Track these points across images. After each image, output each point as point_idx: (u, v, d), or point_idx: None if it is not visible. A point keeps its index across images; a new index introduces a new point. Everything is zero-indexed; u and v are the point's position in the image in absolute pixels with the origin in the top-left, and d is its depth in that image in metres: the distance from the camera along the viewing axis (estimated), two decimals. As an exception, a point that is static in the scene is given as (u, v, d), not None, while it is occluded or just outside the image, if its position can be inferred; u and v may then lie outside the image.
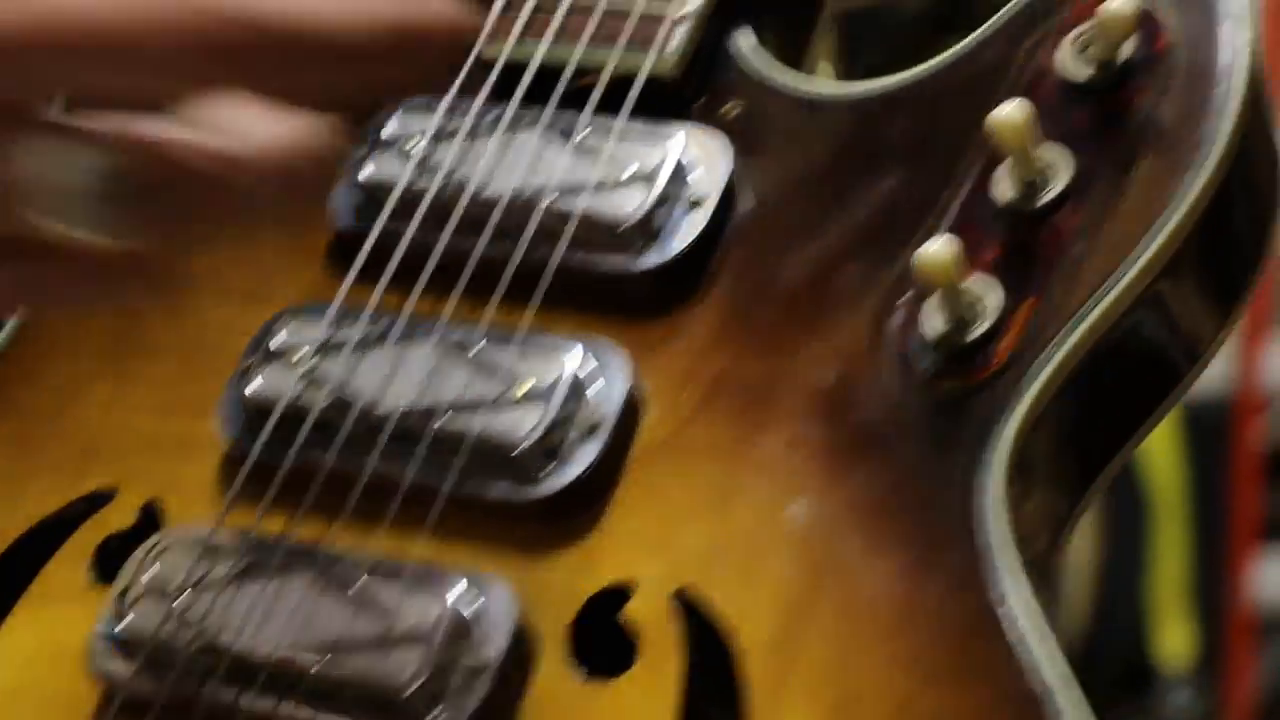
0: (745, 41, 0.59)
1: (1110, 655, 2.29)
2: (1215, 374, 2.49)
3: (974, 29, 0.65)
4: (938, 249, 0.49)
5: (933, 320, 0.50)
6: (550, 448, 0.51)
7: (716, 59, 0.58)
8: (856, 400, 0.52)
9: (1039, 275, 0.51)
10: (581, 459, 0.51)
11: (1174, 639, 2.42)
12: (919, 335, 0.51)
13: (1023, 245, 0.52)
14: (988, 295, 0.50)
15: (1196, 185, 0.50)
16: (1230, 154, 0.51)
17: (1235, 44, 0.52)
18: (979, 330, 0.50)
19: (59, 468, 0.58)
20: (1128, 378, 0.54)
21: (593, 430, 0.51)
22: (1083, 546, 2.23)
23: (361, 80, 0.45)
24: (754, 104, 0.58)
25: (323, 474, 0.52)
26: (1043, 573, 0.51)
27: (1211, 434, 2.24)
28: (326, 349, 0.54)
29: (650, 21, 0.57)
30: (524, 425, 0.51)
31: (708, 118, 0.57)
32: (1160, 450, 2.16)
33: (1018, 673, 0.47)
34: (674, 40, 0.57)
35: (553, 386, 0.51)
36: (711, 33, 0.58)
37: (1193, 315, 0.55)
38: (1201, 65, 0.52)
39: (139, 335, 0.59)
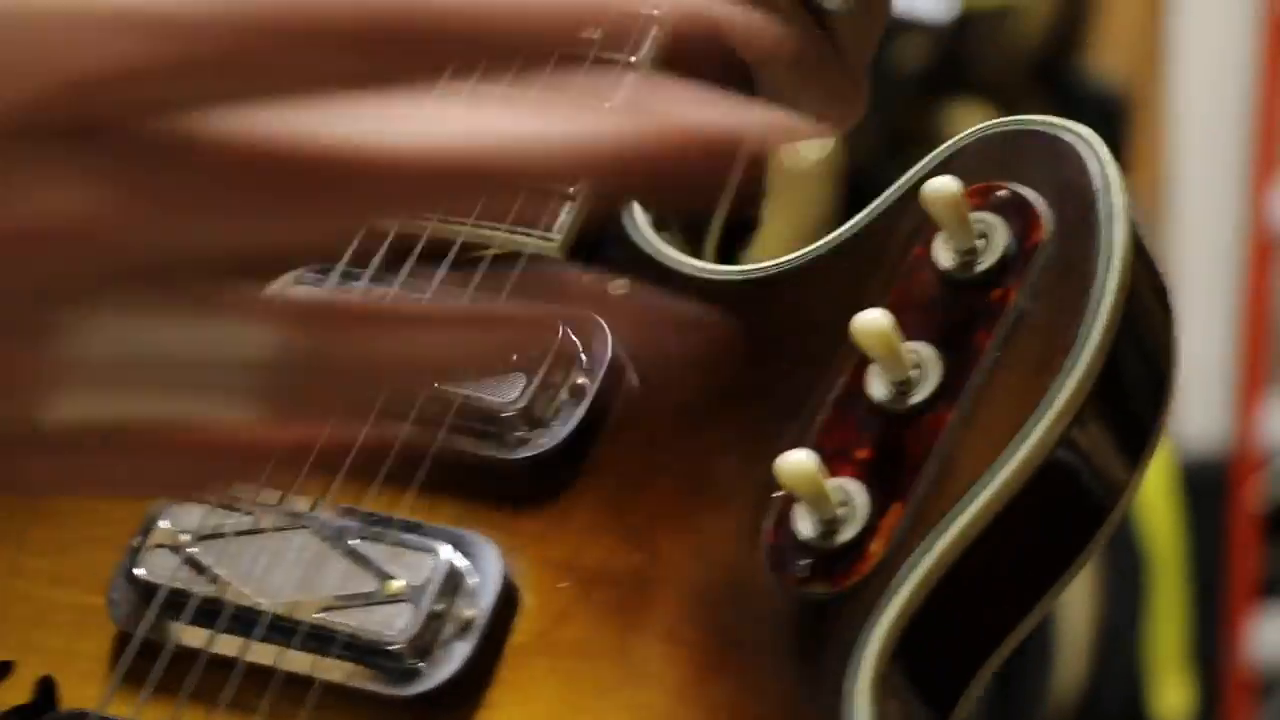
0: (636, 217, 0.58)
1: (1108, 713, 2.29)
2: (1212, 433, 2.49)
3: (967, 89, 0.64)
4: (797, 460, 0.48)
5: (803, 522, 0.49)
6: (423, 646, 0.50)
7: (606, 235, 0.58)
8: (730, 600, 0.51)
9: (906, 479, 0.50)
10: (454, 658, 0.50)
11: (1172, 697, 2.42)
12: (791, 535, 0.50)
13: (892, 446, 0.51)
14: (858, 498, 0.50)
15: (1068, 388, 0.50)
16: (1105, 353, 0.50)
17: (1114, 240, 0.51)
18: (847, 535, 0.49)
19: None
20: (1009, 573, 0.53)
21: (464, 626, 0.50)
22: (1081, 604, 2.22)
23: None
24: (641, 282, 0.55)
25: (202, 660, 0.52)
26: None
27: (1209, 492, 2.26)
28: (205, 536, 0.54)
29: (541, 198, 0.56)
30: (398, 624, 0.50)
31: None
32: (1158, 508, 2.16)
33: None
34: (561, 217, 0.56)
35: (426, 580, 0.51)
36: (601, 210, 0.57)
37: (1092, 485, 0.54)
38: (1077, 262, 0.51)
39: (38, 503, 0.58)
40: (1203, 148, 2.85)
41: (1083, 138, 0.52)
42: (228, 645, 0.52)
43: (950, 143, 0.54)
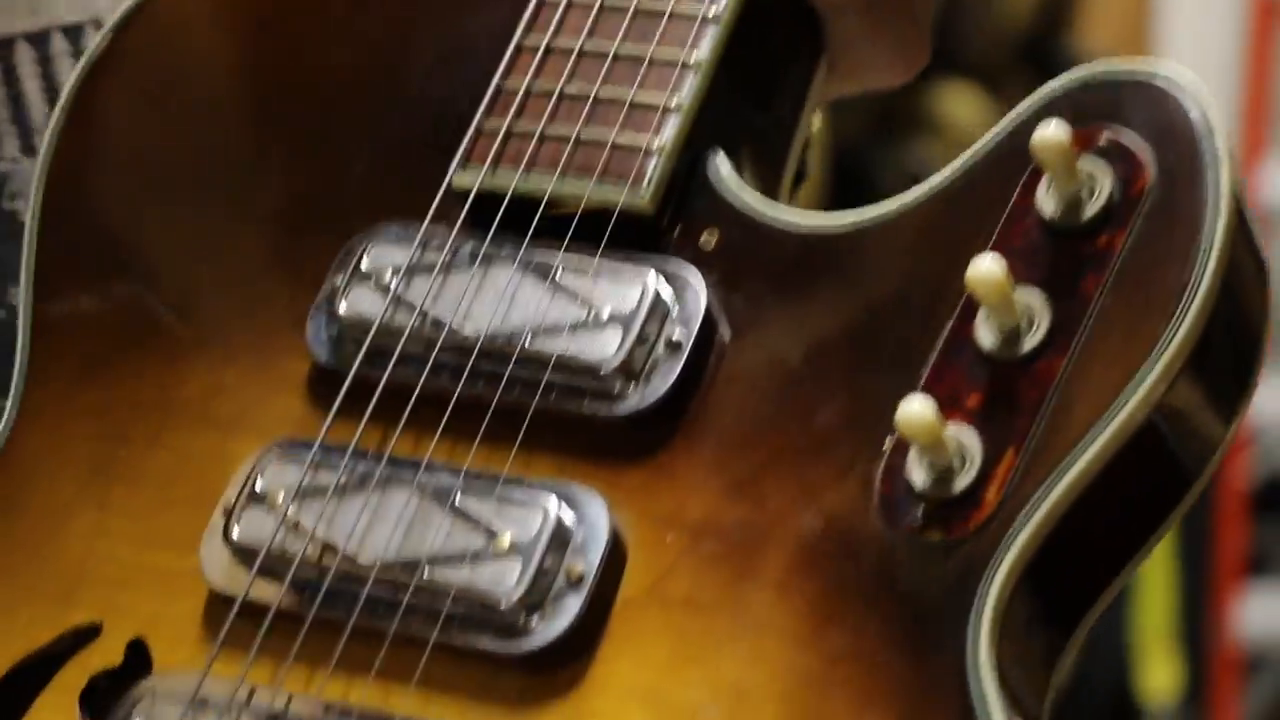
0: (721, 167, 0.58)
1: (1096, 692, 2.32)
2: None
3: (955, 69, 0.65)
4: (919, 407, 0.49)
5: (917, 471, 0.50)
6: (534, 602, 0.50)
7: (692, 187, 0.58)
8: (842, 550, 0.52)
9: (1019, 425, 0.50)
10: (566, 613, 0.50)
11: (1160, 675, 2.48)
12: (904, 484, 0.50)
13: (1004, 394, 0.51)
14: (971, 445, 0.50)
15: (1183, 331, 0.50)
16: (1213, 298, 0.51)
17: (1218, 185, 0.51)
18: (963, 483, 0.50)
19: (46, 598, 0.57)
20: (1123, 517, 0.53)
21: (576, 581, 0.51)
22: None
23: None
24: (732, 233, 0.57)
25: (304, 628, 0.52)
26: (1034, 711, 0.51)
27: None
28: (304, 494, 0.54)
29: (626, 152, 0.57)
30: (507, 582, 0.50)
31: (685, 249, 0.57)
32: None
33: None
34: (649, 172, 0.57)
35: (533, 540, 0.51)
36: (686, 161, 0.58)
37: (1191, 441, 0.54)
38: (1183, 209, 0.52)
39: (119, 464, 0.59)
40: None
41: (1181, 82, 0.53)
42: (330, 611, 0.52)
43: (1045, 88, 0.54)
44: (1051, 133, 0.51)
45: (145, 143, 0.66)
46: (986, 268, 0.50)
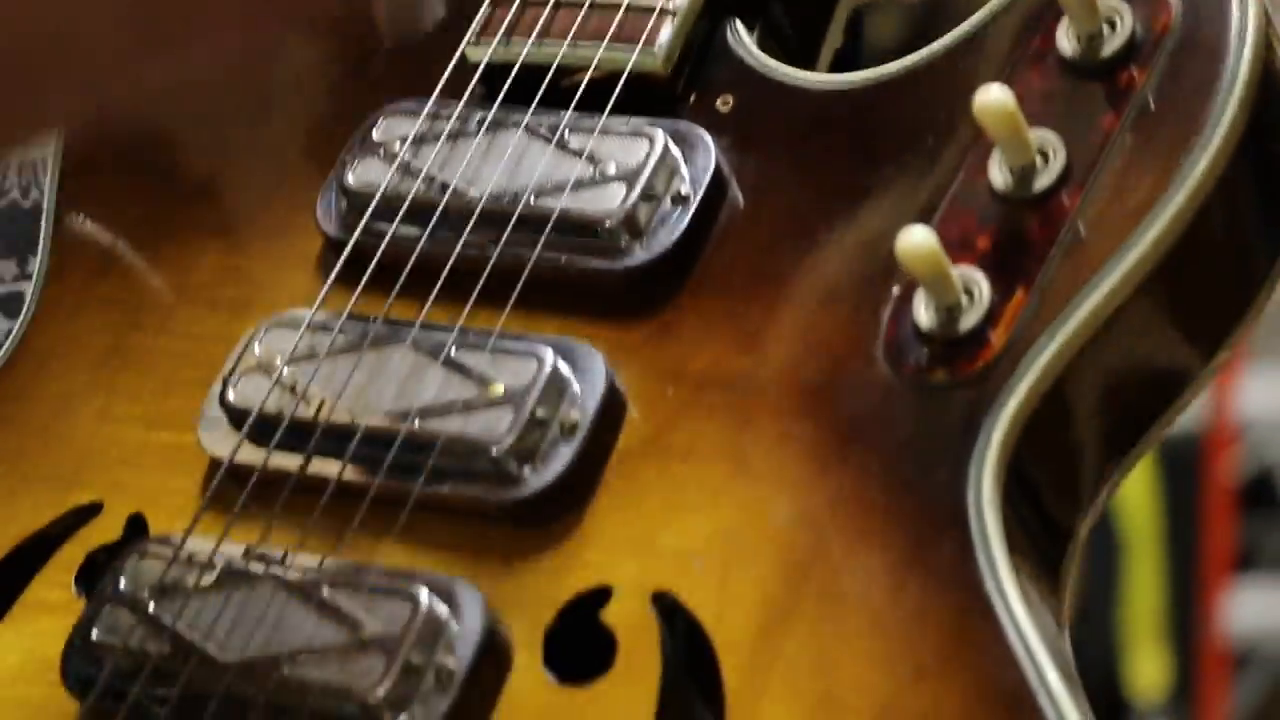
0: (742, 33, 0.58)
1: (1084, 687, 2.38)
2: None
3: None
4: (919, 236, 0.48)
5: (924, 311, 0.50)
6: (526, 450, 0.50)
7: (709, 52, 0.58)
8: (844, 394, 0.52)
9: (1030, 265, 0.50)
10: (558, 461, 0.51)
11: (1148, 671, 2.49)
12: (910, 326, 0.50)
13: (1015, 233, 0.51)
14: (980, 284, 0.50)
15: (1199, 168, 0.49)
16: (1237, 133, 0.50)
17: (1245, 20, 0.51)
18: (969, 322, 0.49)
19: (49, 481, 0.58)
20: (1134, 376, 0.53)
21: (570, 432, 0.51)
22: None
23: None
24: (748, 97, 0.57)
25: (290, 483, 0.53)
26: (1047, 576, 0.51)
27: (1184, 466, 2.36)
28: (299, 358, 0.55)
29: (639, 15, 0.58)
30: (498, 424, 0.51)
31: (700, 114, 0.57)
32: (1132, 482, 2.28)
33: (1007, 671, 0.46)
34: (663, 35, 0.57)
35: (526, 389, 0.51)
36: (704, 27, 0.58)
37: (1203, 309, 0.54)
38: (1206, 43, 0.52)
39: (129, 349, 0.60)
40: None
41: None
42: (320, 465, 0.53)
43: None
44: None
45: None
46: (994, 96, 0.49)
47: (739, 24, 0.59)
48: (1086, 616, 2.37)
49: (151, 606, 0.51)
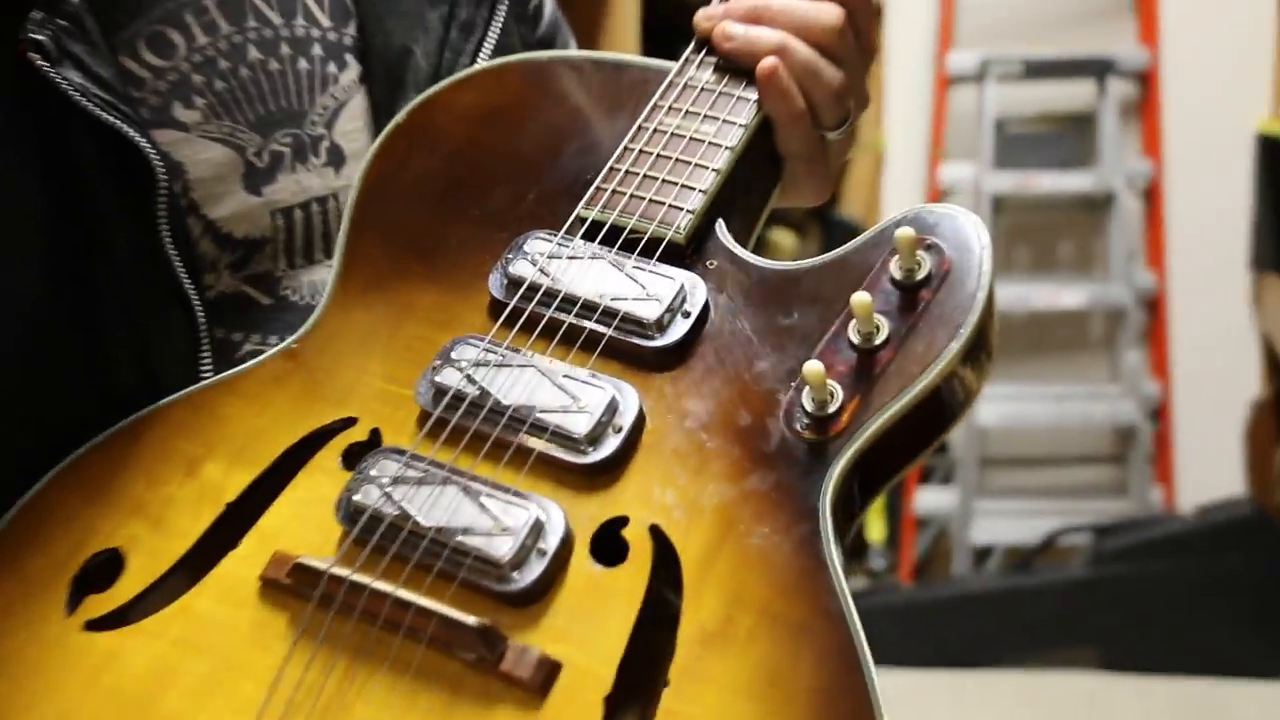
0: (722, 227, 0.71)
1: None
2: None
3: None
4: (813, 367, 0.62)
5: (808, 400, 0.63)
6: (596, 434, 0.64)
7: (707, 235, 0.71)
8: (759, 435, 0.64)
9: (865, 385, 0.63)
10: (611, 443, 0.63)
11: (876, 530, 3.33)
12: (800, 405, 0.63)
13: (859, 367, 0.64)
14: (838, 391, 0.63)
15: (959, 343, 0.63)
16: (978, 329, 0.64)
17: (983, 268, 0.65)
18: (830, 410, 0.63)
19: (327, 401, 0.68)
20: (917, 434, 0.64)
21: (618, 430, 0.64)
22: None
23: None
24: (723, 263, 0.70)
25: (469, 432, 0.64)
26: (845, 549, 0.63)
27: None
28: (475, 364, 0.66)
29: (674, 210, 0.71)
30: (583, 424, 0.64)
31: (696, 266, 0.69)
32: None
33: (830, 598, 0.58)
34: (684, 222, 0.70)
35: (598, 402, 0.64)
36: (707, 220, 0.71)
37: (957, 398, 0.65)
38: (966, 281, 0.65)
39: (381, 335, 0.71)
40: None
41: (967, 218, 0.67)
42: (484, 428, 0.65)
43: (901, 213, 0.67)
44: (906, 231, 0.65)
45: (419, 170, 0.77)
46: (860, 297, 0.63)
47: (721, 222, 0.71)
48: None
49: (388, 486, 0.61)
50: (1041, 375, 3.52)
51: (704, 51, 0.74)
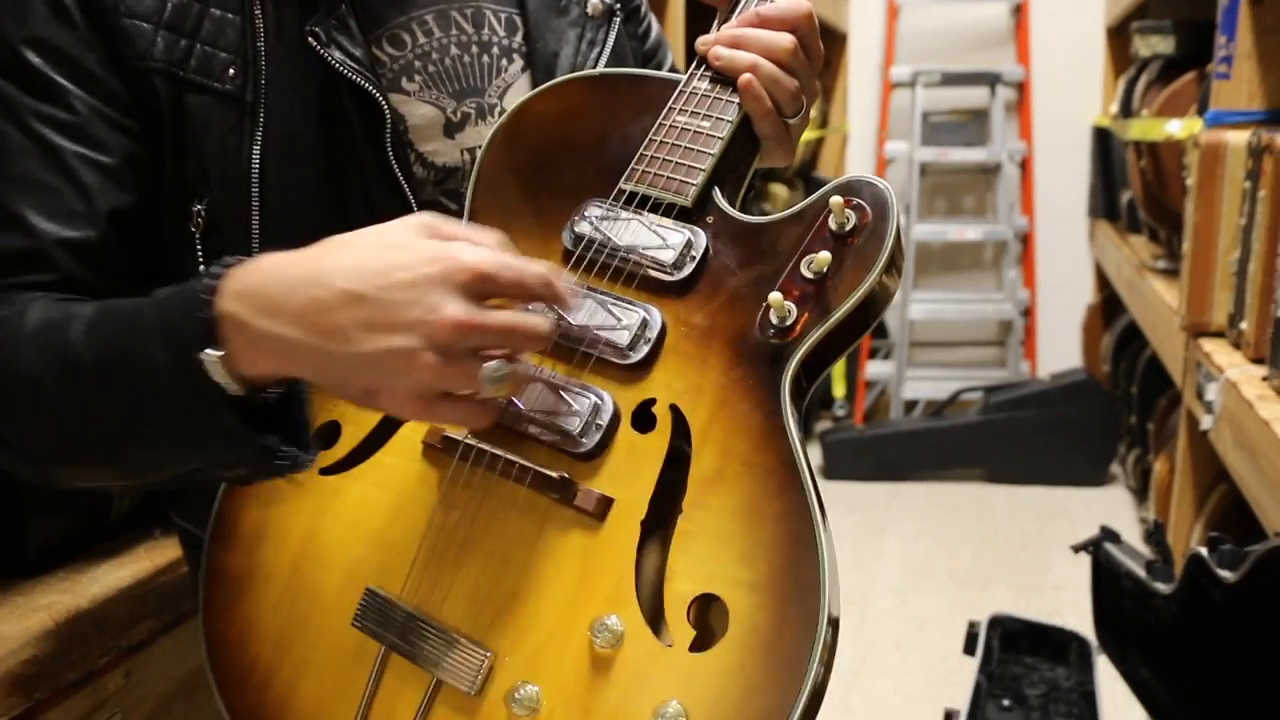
0: (718, 191, 0.67)
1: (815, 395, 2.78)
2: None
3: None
4: (776, 297, 0.60)
5: (774, 315, 0.60)
6: (634, 343, 0.62)
7: (707, 197, 0.66)
8: (742, 339, 0.61)
9: (814, 304, 0.60)
10: (644, 349, 0.61)
11: (839, 389, 3.28)
12: (769, 319, 0.61)
13: (809, 292, 0.61)
14: (793, 310, 0.60)
15: (875, 271, 0.60)
16: (888, 261, 0.61)
17: (891, 219, 0.61)
18: (789, 323, 0.60)
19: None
20: (848, 333, 0.61)
21: (649, 339, 0.62)
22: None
23: None
24: (718, 219, 0.66)
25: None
26: (809, 407, 0.60)
27: None
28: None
29: (684, 183, 0.66)
30: (624, 337, 0.62)
31: (700, 222, 0.65)
32: None
33: (788, 452, 0.57)
34: (690, 191, 0.66)
35: (634, 321, 0.62)
36: (707, 186, 0.66)
37: (881, 302, 0.61)
38: (878, 227, 0.61)
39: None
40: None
41: (884, 185, 0.62)
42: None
43: (835, 183, 0.63)
44: (835, 199, 0.61)
45: (515, 157, 0.72)
46: (821, 254, 0.60)
47: (717, 189, 0.67)
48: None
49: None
50: (952, 286, 3.58)
51: (702, 67, 0.69)
